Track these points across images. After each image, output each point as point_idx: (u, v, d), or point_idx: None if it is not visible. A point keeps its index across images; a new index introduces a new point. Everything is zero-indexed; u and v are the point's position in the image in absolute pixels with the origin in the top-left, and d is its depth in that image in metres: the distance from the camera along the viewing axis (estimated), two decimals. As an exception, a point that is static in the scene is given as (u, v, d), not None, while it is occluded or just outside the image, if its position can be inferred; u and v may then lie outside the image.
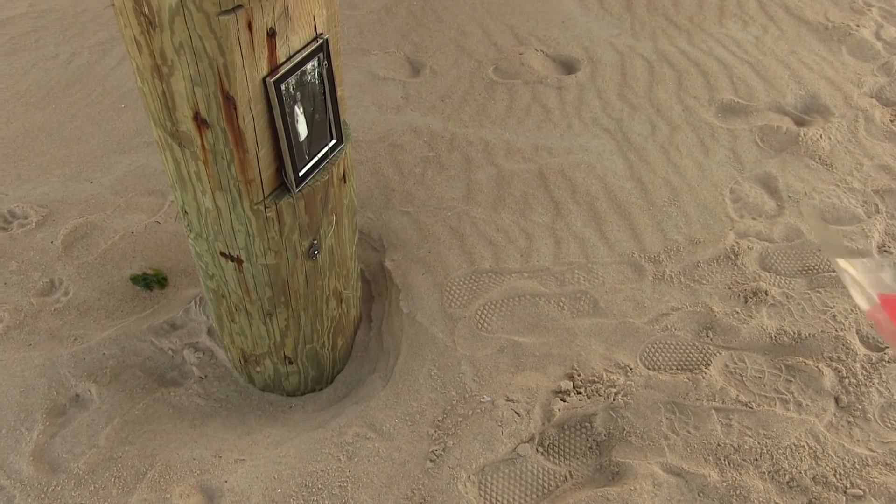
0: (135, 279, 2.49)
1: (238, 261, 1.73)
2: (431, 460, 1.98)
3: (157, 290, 2.49)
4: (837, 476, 1.95)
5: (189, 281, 2.52)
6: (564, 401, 2.11)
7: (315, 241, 1.75)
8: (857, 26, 3.72)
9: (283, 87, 1.44)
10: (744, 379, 2.17)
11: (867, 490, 1.92)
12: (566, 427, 2.06)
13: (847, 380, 2.16)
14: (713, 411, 2.07)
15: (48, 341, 2.29)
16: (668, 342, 2.28)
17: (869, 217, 2.71)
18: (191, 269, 2.57)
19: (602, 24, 3.76)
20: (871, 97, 3.30)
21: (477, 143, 3.05)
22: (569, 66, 3.54)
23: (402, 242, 2.60)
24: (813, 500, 1.90)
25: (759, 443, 2.00)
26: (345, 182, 1.77)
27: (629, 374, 2.16)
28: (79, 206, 2.80)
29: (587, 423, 2.06)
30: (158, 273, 2.51)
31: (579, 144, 3.03)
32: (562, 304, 2.39)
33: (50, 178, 2.94)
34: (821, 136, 3.06)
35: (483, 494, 1.92)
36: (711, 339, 2.27)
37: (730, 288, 2.44)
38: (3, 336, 2.30)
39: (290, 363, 2.07)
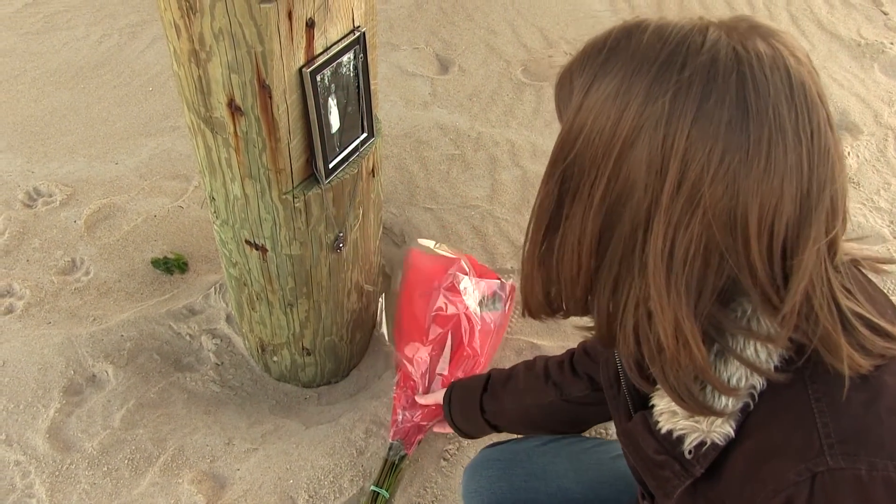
0: (156, 263, 2.50)
1: (263, 250, 1.73)
2: (445, 459, 1.97)
3: (178, 275, 2.49)
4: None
5: (209, 267, 2.53)
6: (580, 407, 2.09)
7: (340, 234, 1.75)
8: (892, 44, 3.68)
9: (318, 78, 1.44)
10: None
11: None
12: (581, 433, 2.05)
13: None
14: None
15: (68, 320, 2.30)
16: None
17: (895, 237, 2.68)
18: (211, 255, 2.57)
19: (633, 31, 3.74)
20: (903, 117, 3.27)
21: (503, 143, 3.04)
22: (598, 71, 3.52)
23: (424, 239, 2.59)
24: None
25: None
26: (373, 176, 1.77)
27: (647, 383, 2.15)
28: (103, 186, 2.81)
29: (603, 429, 2.05)
30: (179, 258, 2.52)
31: (605, 150, 3.01)
32: (581, 309, 2.38)
33: (76, 157, 2.95)
34: (848, 154, 3.03)
35: (495, 496, 1.91)
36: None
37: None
38: (23, 313, 2.31)
39: (308, 354, 2.07)
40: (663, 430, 0.92)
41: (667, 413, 0.91)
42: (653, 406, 0.95)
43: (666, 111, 0.72)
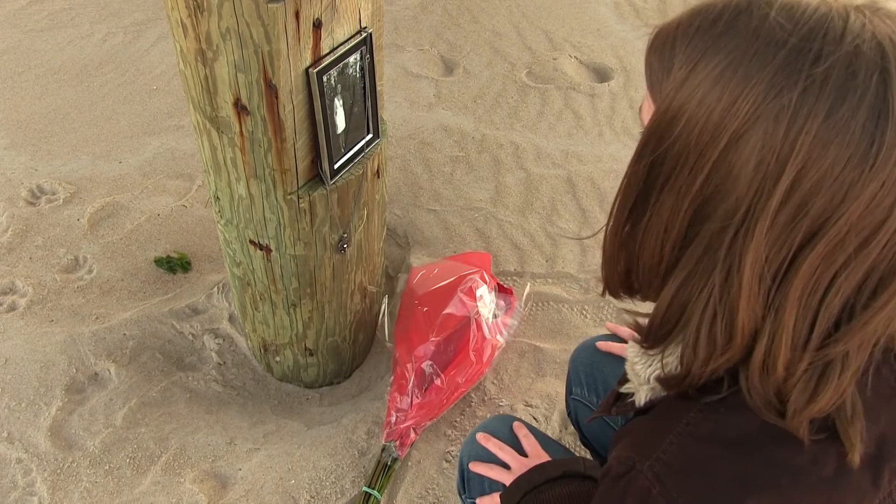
0: (159, 262, 2.50)
1: (267, 250, 1.73)
2: (447, 461, 1.97)
3: (181, 274, 2.49)
4: None
5: (212, 266, 2.53)
6: (583, 410, 2.09)
7: (345, 235, 1.75)
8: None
9: (325, 78, 1.44)
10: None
11: None
12: (583, 437, 2.04)
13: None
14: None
15: (70, 318, 2.29)
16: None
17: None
18: (214, 254, 2.57)
19: (637, 35, 3.74)
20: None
21: (507, 145, 3.04)
22: (602, 75, 3.52)
23: (427, 241, 2.59)
24: None
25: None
26: (378, 177, 1.77)
27: (649, 387, 2.14)
28: (106, 185, 2.81)
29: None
30: (183, 257, 2.52)
31: (609, 153, 3.01)
32: (585, 311, 2.37)
33: (79, 155, 2.95)
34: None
35: (497, 499, 1.91)
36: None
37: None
38: (26, 310, 2.31)
39: (311, 355, 2.07)
40: (626, 367, 0.98)
41: (629, 356, 0.96)
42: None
43: (792, 106, 0.63)
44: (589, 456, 1.71)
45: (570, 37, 3.74)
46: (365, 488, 1.88)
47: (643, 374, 0.89)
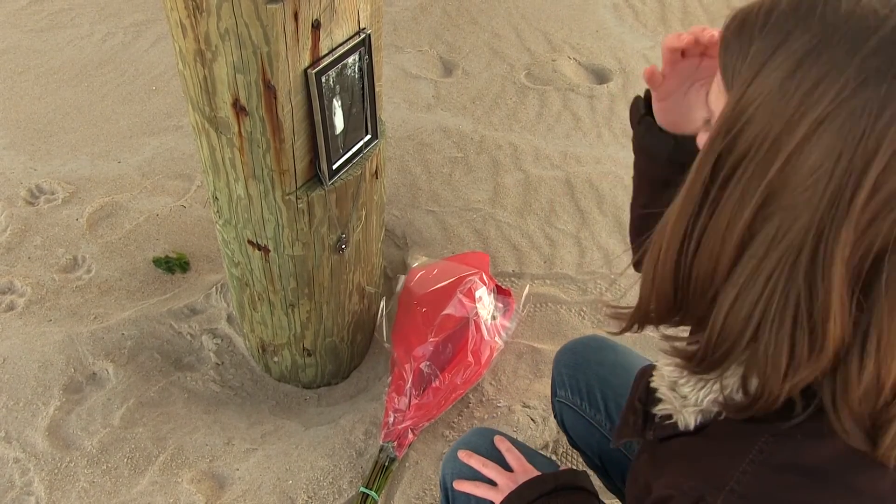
0: (157, 262, 2.50)
1: (265, 250, 1.73)
2: (444, 462, 1.97)
3: (179, 274, 2.49)
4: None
5: (211, 267, 2.53)
6: (580, 411, 2.09)
7: (343, 235, 1.75)
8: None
9: (323, 79, 1.44)
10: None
11: None
12: (581, 438, 2.05)
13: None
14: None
15: (68, 318, 2.30)
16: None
17: None
18: (213, 254, 2.57)
19: (636, 36, 3.74)
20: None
21: (506, 146, 3.04)
22: (601, 76, 3.52)
23: (425, 241, 2.59)
24: None
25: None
26: (376, 178, 1.77)
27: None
28: (105, 185, 2.81)
29: (602, 435, 2.05)
30: (181, 257, 2.52)
31: (608, 155, 3.02)
32: (583, 312, 2.38)
33: (78, 155, 2.95)
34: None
35: (494, 500, 1.91)
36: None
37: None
38: (24, 310, 2.31)
39: (309, 355, 2.07)
40: (652, 385, 0.94)
41: (658, 376, 0.93)
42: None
43: (881, 97, 0.59)
44: (579, 457, 1.71)
45: (569, 38, 3.75)
46: (362, 489, 1.88)
47: (693, 397, 0.84)
